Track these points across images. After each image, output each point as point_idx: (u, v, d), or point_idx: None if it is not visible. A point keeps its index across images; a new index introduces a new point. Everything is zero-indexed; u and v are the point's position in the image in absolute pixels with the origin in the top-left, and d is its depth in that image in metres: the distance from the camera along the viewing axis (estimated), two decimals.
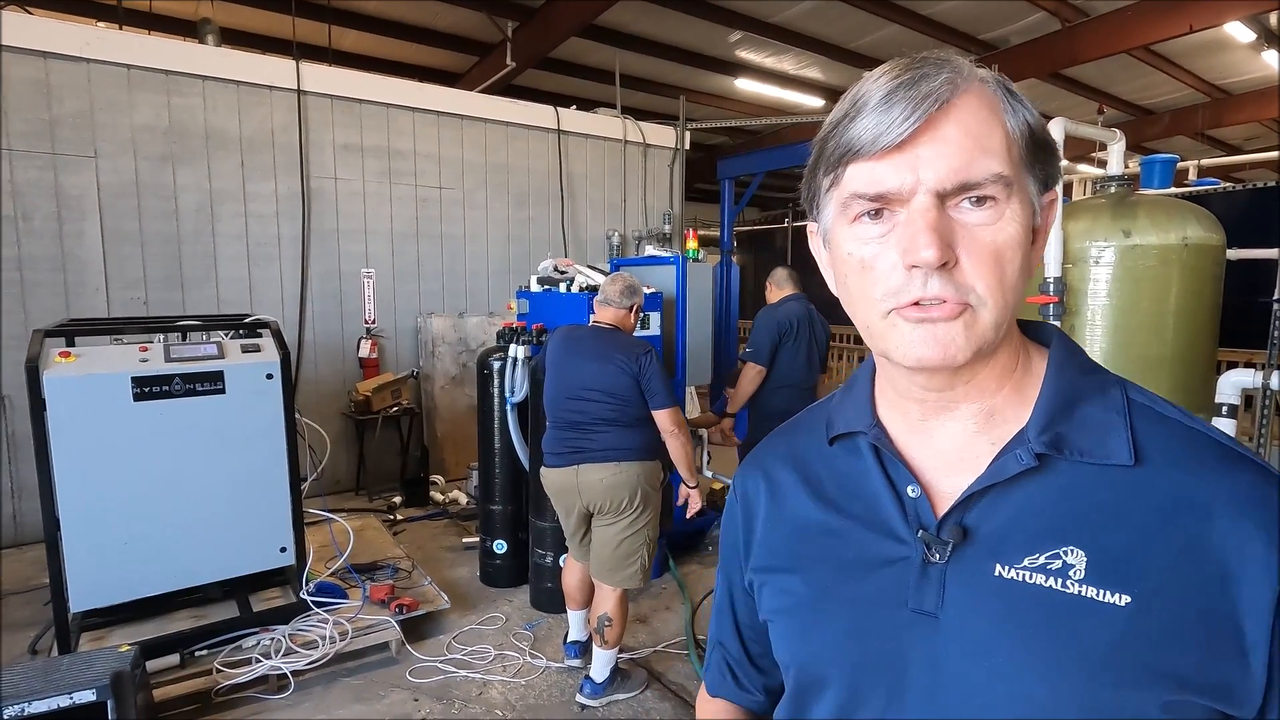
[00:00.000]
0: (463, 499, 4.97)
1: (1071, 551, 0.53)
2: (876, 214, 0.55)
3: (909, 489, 0.61)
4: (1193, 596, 0.50)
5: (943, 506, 0.59)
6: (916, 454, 0.63)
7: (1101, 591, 0.51)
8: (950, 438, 0.61)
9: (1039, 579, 0.53)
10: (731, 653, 0.82)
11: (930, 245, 0.51)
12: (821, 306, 3.76)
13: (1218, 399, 3.23)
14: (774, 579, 0.70)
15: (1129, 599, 0.51)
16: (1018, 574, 0.54)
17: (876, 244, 0.55)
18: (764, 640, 0.76)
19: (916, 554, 0.59)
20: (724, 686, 0.83)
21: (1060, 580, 0.53)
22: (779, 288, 3.87)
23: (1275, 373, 2.87)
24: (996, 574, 0.55)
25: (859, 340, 10.09)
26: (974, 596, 0.56)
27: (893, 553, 0.60)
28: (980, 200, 0.53)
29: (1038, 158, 0.56)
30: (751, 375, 3.50)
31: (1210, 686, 0.49)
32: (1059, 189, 0.60)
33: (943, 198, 0.53)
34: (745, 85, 8.39)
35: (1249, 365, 4.62)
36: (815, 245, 0.66)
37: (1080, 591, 0.52)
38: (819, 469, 0.69)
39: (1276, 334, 3.03)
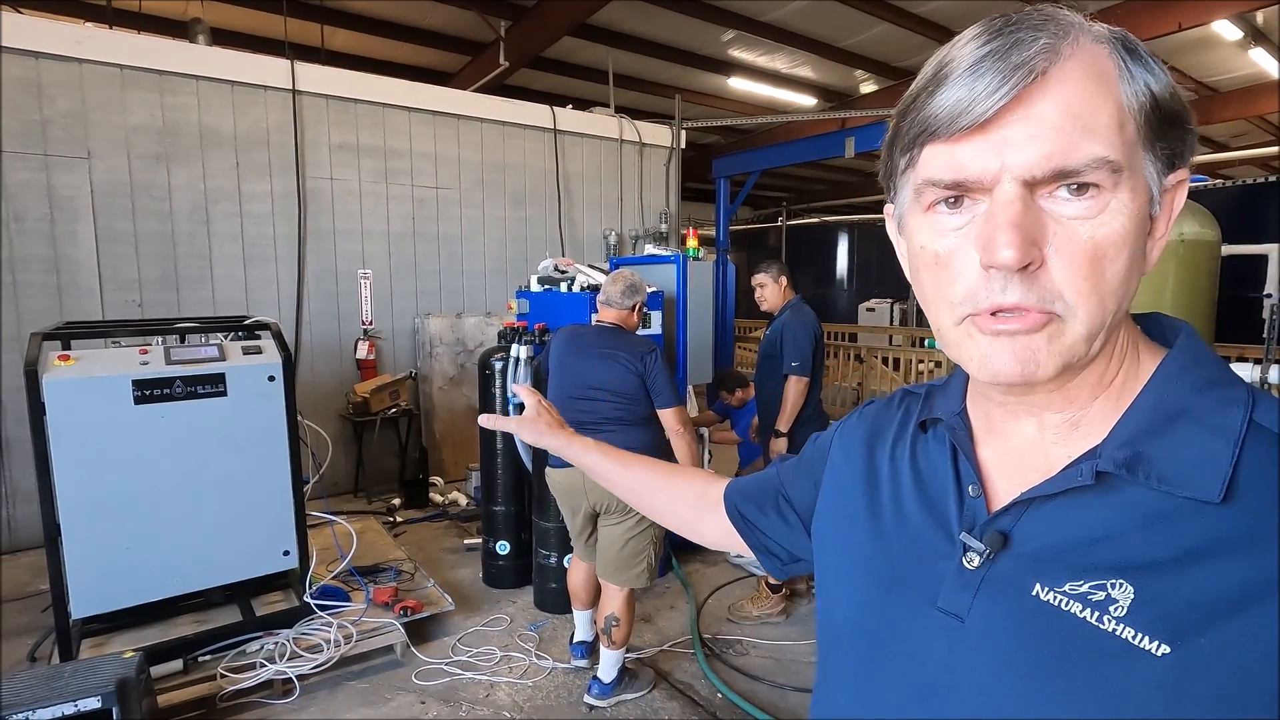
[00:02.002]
0: (462, 500, 4.95)
1: (1119, 585, 0.47)
2: (955, 201, 0.49)
3: (970, 487, 0.58)
4: (1259, 668, 0.42)
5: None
6: (990, 453, 0.60)
7: (1140, 635, 0.45)
8: (1027, 443, 0.57)
9: (1075, 608, 0.48)
10: (744, 507, 0.89)
11: (1010, 245, 0.45)
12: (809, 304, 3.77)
13: None
14: (834, 541, 0.71)
15: (1168, 650, 0.44)
16: (1054, 598, 0.49)
17: (954, 236, 0.49)
18: (763, 522, 0.85)
19: (958, 554, 0.57)
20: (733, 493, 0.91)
21: (1097, 614, 0.47)
22: (782, 287, 3.63)
23: (1274, 366, 2.91)
24: (1034, 593, 0.51)
25: (853, 338, 10.14)
26: (1004, 611, 0.52)
27: (940, 548, 0.59)
28: (1080, 188, 0.46)
29: (1162, 132, 0.48)
30: (800, 389, 3.44)
31: None
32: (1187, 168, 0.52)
33: (1033, 186, 0.46)
34: (738, 84, 8.41)
35: (1240, 360, 4.68)
36: (892, 230, 0.60)
37: (1115, 630, 0.46)
38: (904, 445, 0.68)
39: (1275, 328, 3.07)
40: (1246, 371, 3.24)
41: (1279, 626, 0.42)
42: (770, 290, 3.62)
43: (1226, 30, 6.74)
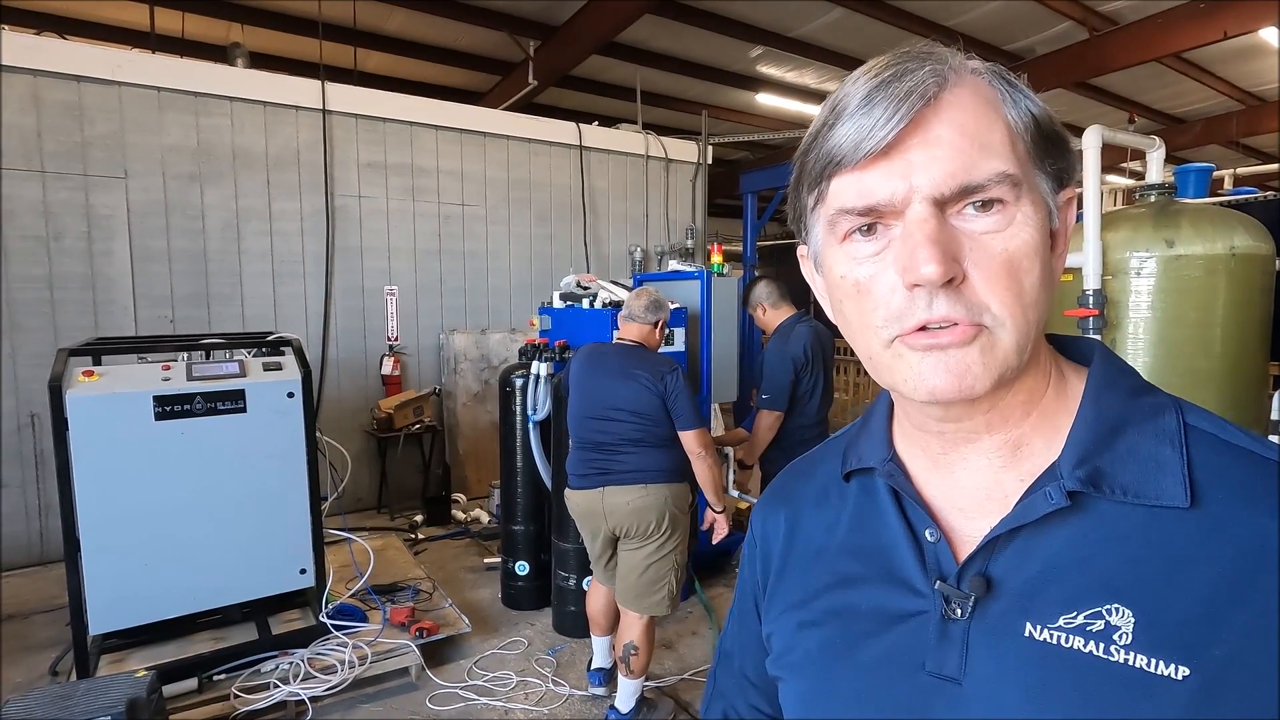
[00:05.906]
0: (485, 518, 4.91)
1: (1116, 611, 0.45)
2: (869, 230, 0.49)
3: (926, 533, 0.54)
4: (1272, 667, 0.41)
5: (965, 553, 0.52)
6: (937, 493, 0.55)
7: (1154, 661, 0.43)
8: (974, 474, 0.53)
9: (1077, 643, 0.45)
10: (739, 709, 0.75)
11: (931, 259, 0.44)
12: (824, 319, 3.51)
13: (1274, 415, 3.07)
14: (784, 632, 0.64)
15: (1188, 671, 0.42)
16: (1052, 636, 0.47)
17: (872, 263, 0.49)
18: (773, 694, 0.68)
19: (935, 608, 0.52)
20: None
21: (1103, 645, 0.45)
22: (774, 308, 3.34)
23: None
24: (1028, 634, 0.47)
25: None
26: (1002, 661, 0.48)
27: (909, 606, 0.54)
28: (986, 205, 0.47)
29: (1048, 152, 0.50)
30: (769, 422, 3.14)
31: None
32: (1075, 187, 0.54)
33: (942, 205, 0.46)
34: (766, 100, 8.37)
35: None
36: (808, 270, 0.60)
37: (1127, 660, 0.44)
38: (835, 509, 0.63)
39: None
40: None
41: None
42: (760, 315, 3.38)
43: (1274, 38, 6.50)
